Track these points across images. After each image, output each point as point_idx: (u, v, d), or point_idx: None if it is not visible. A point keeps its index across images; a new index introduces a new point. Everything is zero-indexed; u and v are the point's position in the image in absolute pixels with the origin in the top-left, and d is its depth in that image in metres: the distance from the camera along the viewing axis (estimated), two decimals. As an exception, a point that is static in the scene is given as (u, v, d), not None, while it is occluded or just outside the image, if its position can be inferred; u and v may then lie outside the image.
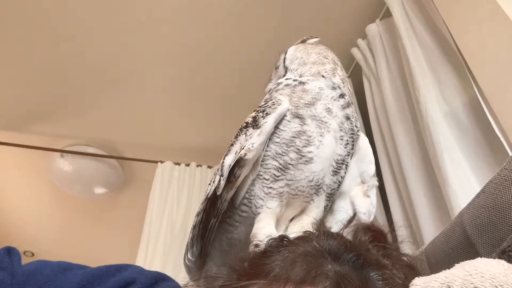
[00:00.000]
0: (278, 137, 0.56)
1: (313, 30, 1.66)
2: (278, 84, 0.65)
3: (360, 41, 1.62)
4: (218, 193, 0.55)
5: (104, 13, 1.59)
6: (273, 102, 0.57)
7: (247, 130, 0.57)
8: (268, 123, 0.55)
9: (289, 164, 0.55)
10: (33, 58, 1.75)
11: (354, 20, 1.64)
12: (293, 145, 0.56)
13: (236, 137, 0.59)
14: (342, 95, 0.60)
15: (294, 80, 0.62)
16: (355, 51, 1.65)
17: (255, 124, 0.56)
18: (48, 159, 2.20)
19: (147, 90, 1.94)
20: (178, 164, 2.15)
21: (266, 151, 0.56)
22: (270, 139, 0.56)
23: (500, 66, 0.95)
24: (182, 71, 1.85)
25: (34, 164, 2.27)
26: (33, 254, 3.02)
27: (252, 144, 0.54)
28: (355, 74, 1.73)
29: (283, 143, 0.56)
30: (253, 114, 0.58)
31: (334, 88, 0.60)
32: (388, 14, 1.45)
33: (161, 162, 2.13)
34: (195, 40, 1.72)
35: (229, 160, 0.55)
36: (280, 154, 0.56)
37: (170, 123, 2.12)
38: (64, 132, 2.14)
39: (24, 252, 3.00)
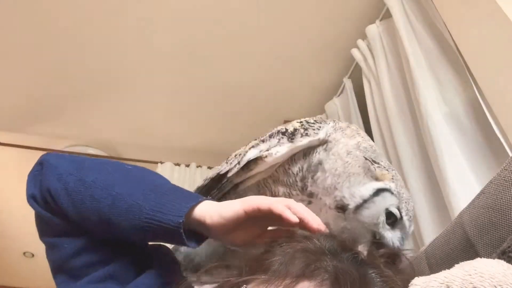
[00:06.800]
0: (287, 172, 0.59)
1: (313, 30, 1.67)
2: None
3: (360, 42, 1.62)
4: (229, 175, 0.59)
5: (105, 14, 1.59)
6: (318, 127, 0.57)
7: (283, 138, 0.58)
8: (303, 142, 0.56)
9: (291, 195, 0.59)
10: (33, 59, 1.75)
11: (354, 21, 1.64)
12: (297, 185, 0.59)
13: (271, 136, 0.59)
14: None
15: (368, 161, 0.59)
16: (355, 51, 1.65)
17: (291, 136, 0.57)
18: (48, 159, 2.20)
19: (147, 91, 1.93)
20: (178, 165, 2.15)
21: (276, 172, 0.59)
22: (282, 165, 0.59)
23: (500, 66, 0.94)
24: (182, 73, 1.85)
25: (34, 165, 2.27)
26: (33, 255, 3.02)
27: (277, 151, 0.56)
28: (355, 75, 1.73)
29: (287, 184, 0.59)
30: (297, 125, 0.58)
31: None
32: (388, 15, 1.45)
33: (161, 162, 2.13)
34: (195, 41, 1.71)
35: (252, 154, 0.58)
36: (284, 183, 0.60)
37: (170, 124, 2.11)
38: (64, 133, 2.14)
39: (24, 253, 3.00)
